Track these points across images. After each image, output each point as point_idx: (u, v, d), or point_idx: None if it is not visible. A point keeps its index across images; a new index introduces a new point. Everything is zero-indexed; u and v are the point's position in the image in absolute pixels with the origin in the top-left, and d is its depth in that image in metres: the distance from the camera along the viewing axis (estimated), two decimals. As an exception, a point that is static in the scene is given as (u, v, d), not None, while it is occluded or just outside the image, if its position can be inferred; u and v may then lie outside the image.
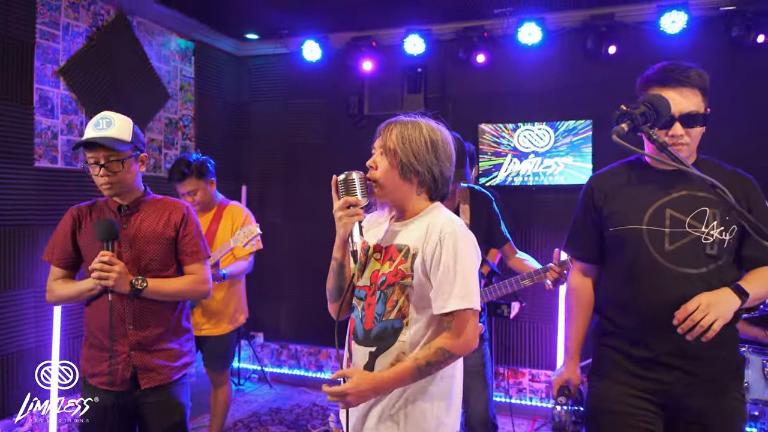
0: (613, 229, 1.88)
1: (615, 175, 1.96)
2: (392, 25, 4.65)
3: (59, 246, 2.21)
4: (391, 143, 1.64)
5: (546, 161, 4.30)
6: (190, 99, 4.75)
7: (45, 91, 3.51)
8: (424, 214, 1.69)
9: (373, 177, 1.67)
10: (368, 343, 1.67)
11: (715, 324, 1.65)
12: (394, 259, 1.66)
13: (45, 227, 3.51)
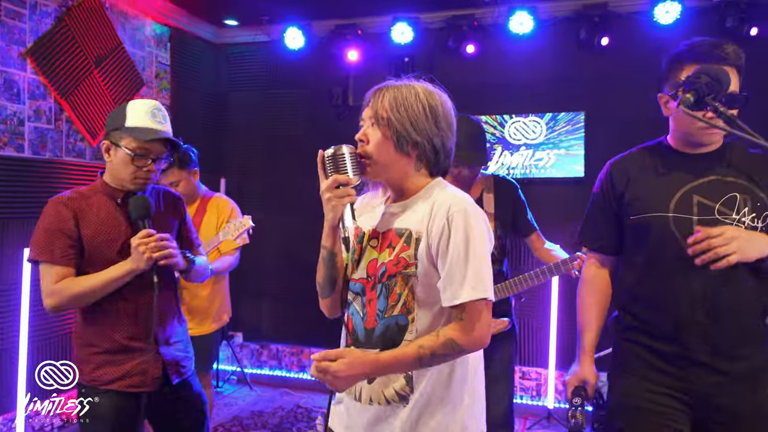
0: (635, 217, 1.76)
1: (637, 158, 1.84)
2: (379, 13, 4.49)
3: (61, 239, 1.90)
4: (384, 111, 1.40)
5: (537, 153, 4.21)
6: (166, 87, 4.51)
7: (10, 73, 3.26)
8: (425, 192, 1.46)
9: (365, 152, 1.43)
10: (371, 345, 1.44)
11: (731, 257, 1.53)
12: (394, 246, 1.43)
13: (10, 221, 3.26)
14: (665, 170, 1.75)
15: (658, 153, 1.81)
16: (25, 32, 3.34)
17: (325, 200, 1.41)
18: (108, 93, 3.91)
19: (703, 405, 1.69)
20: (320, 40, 4.67)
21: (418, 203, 1.45)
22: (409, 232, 1.42)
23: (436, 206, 1.41)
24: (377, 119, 1.41)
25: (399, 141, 1.40)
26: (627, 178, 1.81)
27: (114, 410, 1.94)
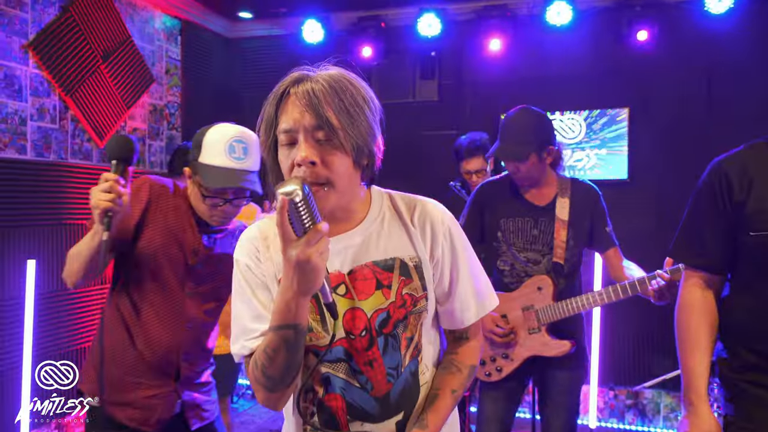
0: (758, 234, 1.44)
1: (758, 158, 1.49)
2: (404, 4, 4.21)
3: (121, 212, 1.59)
4: (333, 118, 1.03)
5: (577, 154, 3.92)
6: (177, 84, 4.23)
7: (11, 68, 2.98)
8: (378, 207, 1.19)
9: (324, 177, 1.03)
10: (391, 413, 1.17)
11: None
12: (386, 284, 1.14)
13: (12, 229, 2.98)
14: None
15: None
16: (27, 23, 3.06)
17: (303, 262, 0.93)
18: (116, 89, 3.63)
19: None
20: (340, 33, 4.40)
21: (383, 224, 1.18)
22: (401, 261, 1.16)
23: (427, 222, 1.18)
24: (329, 128, 1.02)
25: (357, 155, 1.06)
26: (749, 181, 1.47)
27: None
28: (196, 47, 4.41)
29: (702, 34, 3.66)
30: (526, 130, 2.17)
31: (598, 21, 3.92)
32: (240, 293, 1.16)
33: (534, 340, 2.23)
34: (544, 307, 2.22)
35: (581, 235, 2.25)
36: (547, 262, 2.24)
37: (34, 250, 3.07)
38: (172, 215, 1.76)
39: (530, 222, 2.25)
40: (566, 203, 2.23)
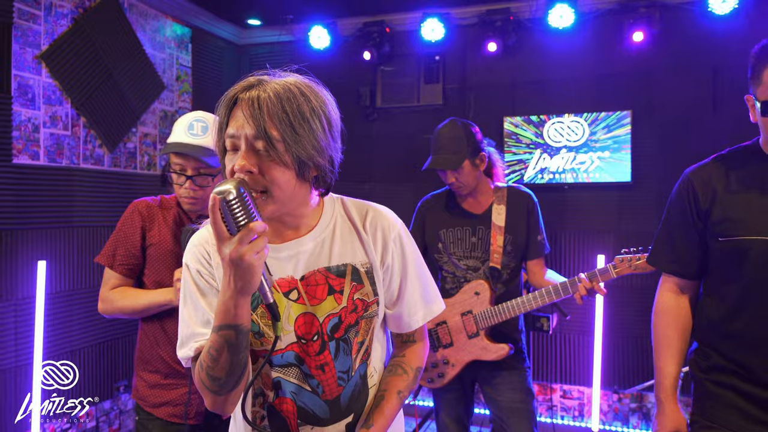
0: (725, 240, 1.48)
1: (726, 167, 1.54)
2: (408, 9, 4.25)
3: (123, 247, 1.89)
4: (274, 129, 1.03)
5: (579, 156, 3.92)
6: (188, 90, 4.35)
7: (25, 78, 3.11)
8: (329, 214, 1.23)
9: (262, 186, 1.05)
10: (341, 416, 1.21)
11: None
12: (338, 289, 1.18)
13: (24, 231, 3.11)
14: (763, 183, 1.46)
15: (750, 161, 1.51)
16: (40, 35, 3.19)
17: (236, 260, 0.95)
18: (127, 97, 3.76)
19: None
20: (346, 38, 4.46)
21: (335, 230, 1.21)
22: (352, 267, 1.20)
23: (378, 228, 1.23)
24: (269, 141, 1.03)
25: (300, 168, 1.07)
26: (713, 191, 1.53)
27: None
28: (206, 54, 4.52)
29: (706, 36, 3.63)
30: (458, 140, 2.25)
31: (600, 23, 3.92)
32: (189, 298, 1.17)
33: (474, 345, 2.29)
34: (482, 311, 2.27)
35: (518, 240, 2.32)
36: (486, 268, 2.30)
37: (45, 251, 3.20)
38: (165, 224, 1.90)
39: (468, 230, 2.34)
40: (503, 210, 2.31)
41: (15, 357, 3.05)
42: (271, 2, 4.22)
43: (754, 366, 1.44)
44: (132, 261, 1.90)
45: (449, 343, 2.32)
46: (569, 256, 3.98)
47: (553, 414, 4.04)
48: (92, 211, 3.48)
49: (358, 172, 4.53)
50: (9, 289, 3.03)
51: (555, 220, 3.95)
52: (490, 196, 2.37)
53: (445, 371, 2.33)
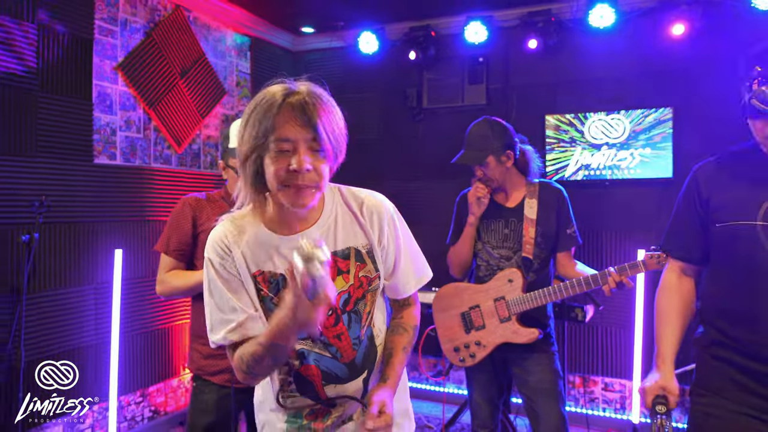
0: (721, 225, 1.62)
1: (724, 163, 1.70)
2: (452, 13, 4.44)
3: (176, 236, 2.18)
4: (323, 132, 1.23)
5: (621, 153, 3.99)
6: (247, 95, 4.68)
7: (104, 87, 3.50)
8: (331, 203, 1.40)
9: (315, 182, 1.25)
10: (356, 374, 1.42)
11: None
12: (345, 270, 1.37)
13: (103, 223, 3.50)
14: (755, 175, 1.60)
15: (747, 157, 1.67)
16: (117, 48, 3.57)
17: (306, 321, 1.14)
18: (192, 102, 4.12)
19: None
20: (393, 43, 4.68)
21: (338, 218, 1.39)
22: (355, 249, 1.39)
23: (373, 213, 1.41)
24: (325, 140, 1.23)
25: (333, 162, 1.30)
26: (713, 183, 1.68)
27: (215, 403, 2.16)
28: (264, 61, 4.85)
29: (748, 31, 3.62)
30: (484, 138, 2.42)
31: (640, 22, 3.97)
32: (215, 288, 1.33)
33: (505, 329, 2.44)
34: (514, 298, 2.42)
35: (549, 232, 2.47)
36: (517, 258, 2.46)
37: (121, 241, 3.58)
38: (213, 214, 2.15)
39: (501, 222, 2.50)
40: (534, 204, 2.46)
41: (95, 334, 3.44)
42: (323, 10, 4.50)
43: (746, 341, 1.57)
44: (184, 247, 2.18)
45: (481, 325, 2.49)
46: (610, 252, 4.05)
47: (595, 406, 4.12)
48: (162, 206, 3.85)
49: (406, 171, 4.74)
50: (89, 274, 3.42)
51: (595, 216, 4.04)
52: (523, 191, 2.53)
53: (476, 352, 2.50)
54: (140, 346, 3.74)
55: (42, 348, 3.14)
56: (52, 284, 3.22)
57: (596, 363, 4.14)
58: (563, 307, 3.15)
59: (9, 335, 2.90)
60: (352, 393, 1.41)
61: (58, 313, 3.25)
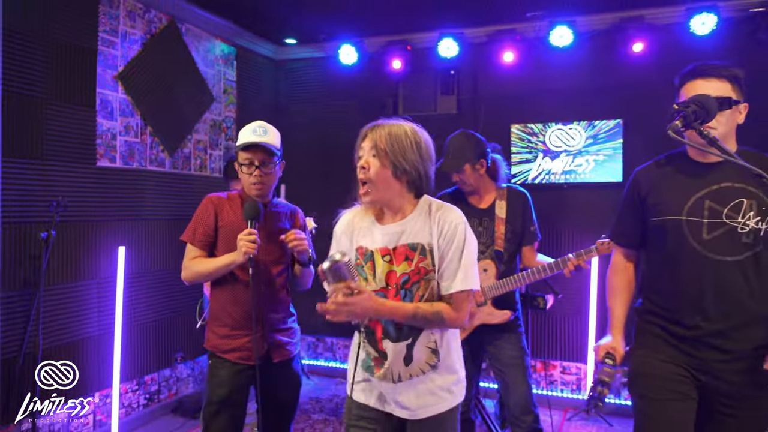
0: (655, 219, 2.03)
1: (659, 168, 2.10)
2: (426, 29, 4.82)
3: (202, 227, 2.41)
4: (382, 144, 1.75)
5: (577, 160, 4.44)
6: (233, 101, 4.97)
7: (105, 94, 3.75)
8: (419, 210, 1.83)
9: (367, 177, 1.78)
10: (404, 338, 1.82)
11: None
12: (411, 258, 1.79)
13: (105, 223, 3.75)
14: (682, 178, 2.01)
15: (677, 162, 2.06)
16: (117, 58, 3.83)
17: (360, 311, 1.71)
18: (183, 108, 4.39)
19: (710, 379, 1.94)
20: (372, 55, 5.03)
21: (418, 220, 1.81)
22: (422, 246, 1.79)
23: (440, 221, 1.79)
24: (378, 151, 1.75)
25: (395, 169, 1.76)
26: (650, 184, 2.08)
27: (229, 377, 2.38)
28: (249, 69, 5.14)
29: (688, 53, 4.08)
30: (461, 148, 2.84)
31: (595, 42, 4.43)
32: (336, 244, 1.97)
33: (481, 311, 2.86)
34: (489, 285, 2.85)
35: (516, 229, 2.90)
36: (490, 251, 2.86)
37: (122, 239, 3.84)
38: (232, 211, 2.46)
39: (475, 221, 2.89)
40: (504, 205, 2.89)
41: (98, 326, 3.69)
42: (306, 23, 4.82)
43: (670, 308, 1.99)
44: (207, 238, 2.41)
45: None
46: (568, 246, 4.49)
47: (554, 388, 4.56)
48: (157, 206, 4.12)
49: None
50: (92, 269, 3.67)
51: (555, 216, 4.48)
52: (494, 194, 2.94)
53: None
54: (137, 337, 3.99)
55: (56, 336, 3.39)
56: (62, 279, 3.46)
57: (555, 348, 4.59)
58: (527, 296, 3.55)
59: (27, 325, 3.15)
60: (398, 351, 1.81)
61: (67, 305, 3.50)
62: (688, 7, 4.05)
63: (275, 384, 2.44)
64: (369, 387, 1.91)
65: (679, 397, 1.95)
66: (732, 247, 1.89)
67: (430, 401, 1.85)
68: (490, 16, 4.50)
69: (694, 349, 1.95)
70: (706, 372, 1.94)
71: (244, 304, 2.37)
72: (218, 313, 2.46)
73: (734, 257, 1.89)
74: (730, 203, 1.91)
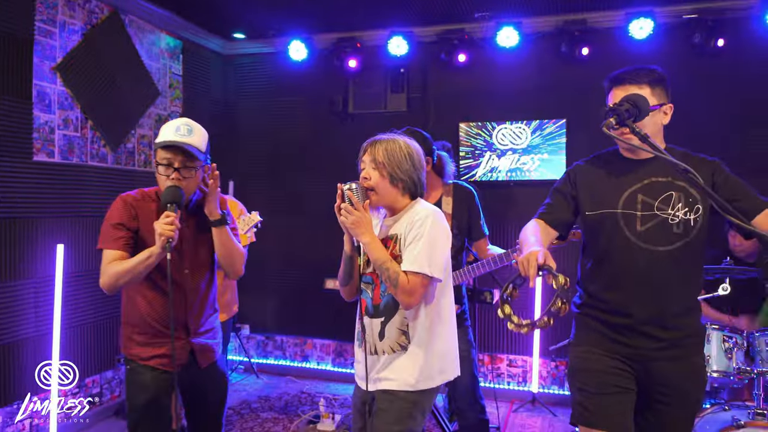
0: (590, 213, 2.11)
1: (594, 164, 2.19)
2: (376, 27, 4.84)
3: (114, 231, 2.18)
4: (380, 158, 2.02)
5: (523, 158, 4.55)
6: (179, 96, 4.85)
7: (43, 86, 3.60)
8: (408, 209, 2.08)
9: (370, 186, 2.04)
10: (378, 315, 2.08)
11: None
12: (388, 247, 2.05)
13: (42, 220, 3.60)
14: (616, 174, 2.10)
15: (611, 159, 2.16)
16: (56, 48, 3.68)
17: (356, 222, 1.97)
18: (127, 102, 4.26)
19: (647, 369, 2.03)
20: (322, 51, 5.02)
21: (404, 217, 2.07)
22: (397, 236, 2.06)
23: (413, 216, 2.04)
24: (376, 164, 2.03)
25: (392, 178, 2.03)
26: (584, 180, 2.16)
27: (152, 381, 2.21)
28: (195, 64, 5.04)
29: (627, 56, 4.27)
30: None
31: (540, 43, 4.55)
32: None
33: None
34: None
35: (462, 224, 2.95)
36: None
37: (61, 237, 3.70)
38: (148, 212, 2.24)
39: None
40: (450, 201, 2.95)
41: (35, 327, 3.54)
42: (255, 17, 4.76)
43: (607, 299, 2.07)
44: (123, 239, 2.17)
45: None
46: (515, 240, 4.60)
47: (501, 380, 4.67)
48: (99, 203, 3.98)
49: (332, 170, 5.08)
50: (29, 269, 3.52)
51: (501, 212, 4.59)
52: (440, 190, 2.98)
53: None
54: (78, 338, 3.86)
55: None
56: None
57: (502, 342, 4.69)
58: (474, 290, 3.62)
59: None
60: (374, 327, 2.07)
61: (2, 306, 3.35)
62: (627, 12, 4.21)
63: (205, 390, 2.35)
64: (360, 367, 2.14)
65: (618, 390, 2.03)
66: (664, 237, 1.99)
67: (391, 376, 2.04)
68: (439, 15, 4.55)
69: (629, 338, 2.03)
70: (640, 362, 2.03)
71: (164, 309, 2.22)
72: (133, 318, 2.26)
73: (666, 247, 1.98)
74: (661, 196, 2.01)
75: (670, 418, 2.05)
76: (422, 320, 2.03)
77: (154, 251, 2.08)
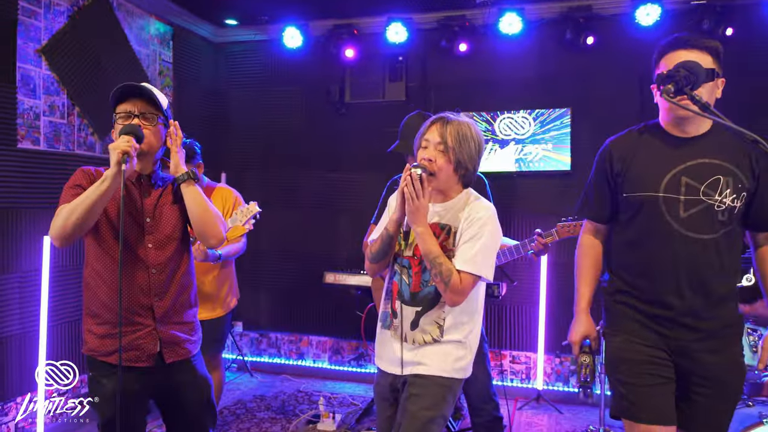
0: (629, 195, 1.96)
1: (633, 139, 2.02)
2: (374, 14, 4.68)
3: (70, 191, 1.98)
4: (451, 142, 1.91)
5: (526, 148, 4.43)
6: (169, 84, 4.67)
7: (27, 70, 3.40)
8: (459, 199, 2.00)
9: (432, 170, 1.92)
10: (416, 304, 1.99)
11: None
12: (438, 236, 1.95)
13: (29, 210, 3.41)
14: (659, 152, 1.94)
15: (653, 135, 1.98)
16: (41, 30, 3.48)
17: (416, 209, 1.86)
18: (115, 89, 4.06)
19: (684, 359, 1.92)
20: (318, 39, 4.86)
21: (456, 206, 1.99)
22: (450, 227, 1.97)
23: (471, 211, 1.97)
24: (445, 146, 1.91)
25: (457, 166, 1.94)
26: (624, 157, 1.99)
27: (115, 384, 1.93)
28: (186, 51, 4.84)
29: (633, 43, 4.18)
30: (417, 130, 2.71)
31: (544, 30, 4.43)
32: (383, 218, 2.13)
33: None
34: None
35: None
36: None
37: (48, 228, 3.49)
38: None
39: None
40: None
41: (20, 324, 3.35)
42: (247, 3, 4.58)
43: (643, 288, 1.95)
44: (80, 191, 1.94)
45: None
46: (517, 234, 4.49)
47: (504, 377, 4.55)
48: (88, 193, 3.79)
49: (327, 162, 4.94)
50: (13, 262, 3.32)
51: (505, 203, 4.46)
52: None
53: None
54: (65, 336, 3.66)
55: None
56: (-26, 272, 3.11)
57: (505, 338, 4.57)
58: (482, 284, 3.51)
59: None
60: (408, 314, 1.98)
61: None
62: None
63: (179, 391, 2.11)
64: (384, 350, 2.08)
65: (662, 381, 1.91)
66: (708, 225, 1.86)
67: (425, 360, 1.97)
68: (439, 1, 4.41)
69: (668, 329, 1.91)
70: (680, 353, 1.92)
71: (127, 292, 1.98)
72: (94, 306, 2.02)
73: (710, 235, 1.86)
74: (708, 180, 1.87)
75: (707, 409, 1.94)
76: (459, 315, 1.98)
77: (108, 174, 1.85)
